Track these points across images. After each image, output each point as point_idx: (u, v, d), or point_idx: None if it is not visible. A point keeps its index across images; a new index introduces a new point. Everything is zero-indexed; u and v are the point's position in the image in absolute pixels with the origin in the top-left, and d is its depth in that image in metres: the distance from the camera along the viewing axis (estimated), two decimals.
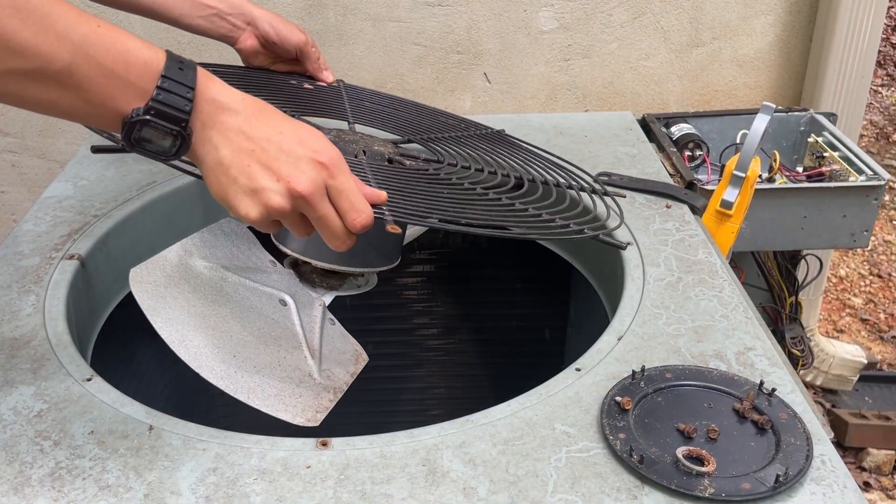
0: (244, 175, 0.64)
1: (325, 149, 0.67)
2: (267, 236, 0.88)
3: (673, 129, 1.51)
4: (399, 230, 0.76)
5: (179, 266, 0.82)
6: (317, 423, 0.76)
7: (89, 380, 0.77)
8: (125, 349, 1.10)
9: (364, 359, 0.88)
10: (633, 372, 0.76)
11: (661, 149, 1.39)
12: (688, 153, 1.48)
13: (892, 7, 4.01)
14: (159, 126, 0.61)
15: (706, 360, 0.79)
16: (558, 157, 1.17)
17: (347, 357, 0.87)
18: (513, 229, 0.87)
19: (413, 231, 1.06)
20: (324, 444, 0.70)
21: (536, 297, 1.41)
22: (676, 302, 0.88)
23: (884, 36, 3.78)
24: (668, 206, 1.08)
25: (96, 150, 1.07)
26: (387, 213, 0.73)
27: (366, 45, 1.74)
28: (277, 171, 0.65)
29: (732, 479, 0.65)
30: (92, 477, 0.66)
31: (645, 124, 1.49)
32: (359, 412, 1.48)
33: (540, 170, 1.09)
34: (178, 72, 0.62)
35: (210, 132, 0.64)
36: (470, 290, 1.44)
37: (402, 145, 1.10)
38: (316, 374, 0.81)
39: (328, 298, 0.88)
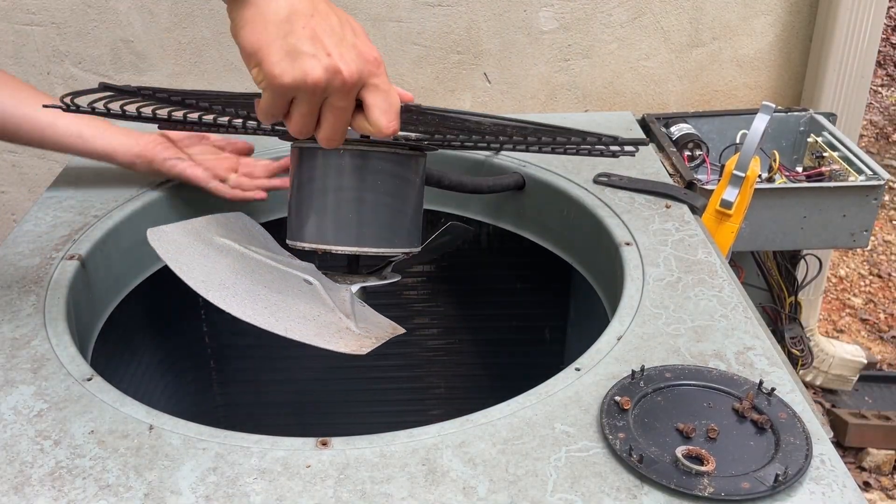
0: (295, 35, 0.60)
1: (373, 48, 0.64)
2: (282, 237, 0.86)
3: (673, 129, 1.51)
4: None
5: (197, 236, 0.78)
6: (362, 353, 0.74)
7: (89, 380, 0.77)
8: (125, 349, 1.10)
9: (400, 329, 0.84)
10: (633, 372, 0.76)
11: (660, 149, 1.39)
12: (687, 153, 1.49)
13: (892, 7, 4.01)
14: None
15: (706, 360, 0.79)
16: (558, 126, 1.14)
17: (383, 325, 0.84)
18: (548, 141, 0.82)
19: (436, 239, 1.04)
20: (324, 444, 0.70)
21: (536, 297, 1.41)
22: (676, 302, 0.88)
23: (884, 36, 3.78)
24: (667, 206, 1.08)
25: (46, 107, 1.05)
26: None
27: None
28: (329, 45, 0.61)
29: (732, 478, 0.65)
30: (92, 476, 0.66)
31: (645, 124, 1.49)
32: (359, 412, 1.49)
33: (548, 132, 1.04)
34: None
35: None
36: (470, 290, 1.44)
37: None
38: (354, 327, 0.77)
39: (354, 288, 0.86)
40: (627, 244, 0.99)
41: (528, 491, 0.65)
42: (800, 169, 1.55)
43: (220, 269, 0.76)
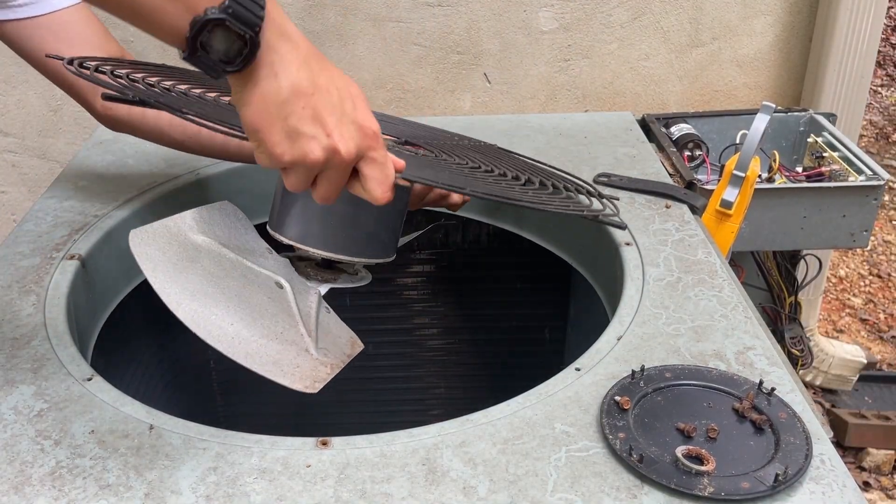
0: (296, 116, 0.61)
1: (372, 119, 0.66)
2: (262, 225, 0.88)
3: (673, 129, 1.51)
4: (408, 184, 0.74)
5: (179, 236, 0.81)
6: (314, 391, 0.76)
7: (89, 379, 0.77)
8: (125, 349, 1.10)
9: (359, 346, 0.88)
10: (633, 371, 0.76)
11: (660, 149, 1.39)
12: (687, 153, 1.49)
13: (892, 7, 4.01)
14: (234, 28, 0.57)
15: (706, 360, 0.79)
16: (551, 166, 1.17)
17: (343, 342, 0.87)
18: (521, 200, 0.85)
19: (410, 234, 1.06)
20: (324, 444, 0.70)
21: (536, 297, 1.41)
22: (676, 302, 0.88)
23: (884, 36, 3.78)
24: (667, 206, 1.08)
25: (107, 97, 1.06)
26: (400, 177, 0.72)
27: (366, 45, 1.75)
28: (328, 124, 0.62)
29: (732, 478, 0.65)
30: (92, 476, 0.66)
31: (645, 124, 1.49)
32: (359, 412, 1.49)
33: (536, 174, 1.09)
34: None
35: (272, 56, 0.60)
36: (470, 290, 1.44)
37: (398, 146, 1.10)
38: (313, 349, 0.81)
39: (323, 289, 0.88)
40: (627, 244, 0.99)
41: (528, 491, 0.65)
42: (800, 169, 1.55)
43: (194, 277, 0.78)
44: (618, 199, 1.09)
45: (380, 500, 0.64)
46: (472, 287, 1.44)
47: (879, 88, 3.80)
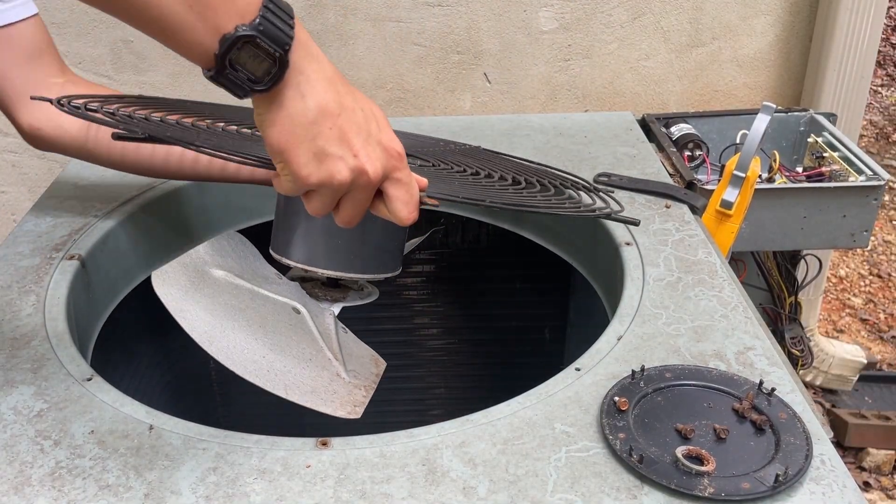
0: (323, 137, 0.61)
1: (397, 140, 0.65)
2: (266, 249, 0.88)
3: (673, 129, 1.51)
4: (437, 203, 0.74)
5: (196, 272, 0.82)
6: (358, 416, 0.78)
7: (89, 380, 0.77)
8: (125, 349, 1.10)
9: (382, 363, 0.89)
10: (633, 372, 0.76)
11: (660, 149, 1.39)
12: (688, 153, 1.48)
13: (892, 7, 4.01)
14: (264, 45, 0.57)
15: (706, 360, 0.79)
16: (538, 163, 1.16)
17: (367, 361, 0.88)
18: (539, 207, 0.86)
19: (412, 240, 1.06)
20: (324, 444, 0.70)
21: (536, 297, 1.41)
22: (676, 302, 0.88)
23: (884, 36, 3.78)
24: (667, 206, 1.08)
25: (117, 137, 1.07)
26: (426, 195, 0.72)
27: (366, 45, 1.75)
28: (355, 145, 0.62)
29: (732, 478, 0.65)
30: (92, 476, 0.66)
31: (645, 124, 1.49)
32: None
33: (531, 175, 1.08)
34: None
35: (299, 77, 0.60)
36: (470, 290, 1.44)
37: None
38: (343, 373, 0.81)
39: (336, 309, 0.88)
40: (627, 244, 0.99)
41: (528, 491, 0.65)
42: (800, 169, 1.55)
43: (218, 312, 0.80)
44: (612, 191, 1.09)
45: (380, 500, 0.64)
46: (472, 287, 1.44)
47: (879, 88, 3.80)
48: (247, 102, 0.62)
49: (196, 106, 0.97)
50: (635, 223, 0.95)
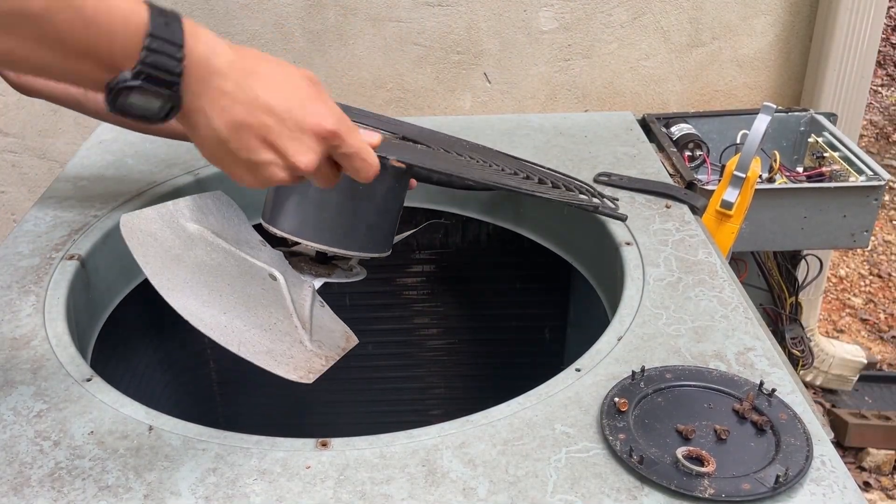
0: (243, 149, 0.60)
1: (329, 113, 0.63)
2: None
3: (673, 129, 1.51)
4: (403, 165, 0.74)
5: (172, 223, 0.79)
6: (309, 381, 0.75)
7: (89, 380, 0.77)
8: (125, 349, 1.10)
9: (354, 340, 0.86)
10: (633, 372, 0.76)
11: (661, 149, 1.39)
12: (688, 153, 1.48)
13: (892, 7, 4.01)
14: (150, 90, 0.55)
15: (706, 361, 0.79)
16: (551, 169, 1.16)
17: (337, 335, 0.86)
18: (520, 187, 0.86)
19: (407, 231, 1.05)
20: (323, 445, 0.70)
21: (536, 297, 1.40)
22: (676, 302, 0.88)
23: (884, 36, 3.77)
24: (668, 207, 1.08)
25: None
26: (392, 158, 0.72)
27: (366, 45, 1.75)
28: (279, 146, 0.61)
29: (732, 479, 0.65)
30: (92, 477, 0.66)
31: (645, 124, 1.49)
32: (359, 412, 1.49)
33: (535, 173, 1.08)
34: (164, 27, 0.55)
35: (201, 100, 0.58)
36: (470, 290, 1.44)
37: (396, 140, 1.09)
38: (307, 342, 0.79)
39: (317, 283, 0.87)
40: (628, 244, 0.98)
41: (529, 492, 0.64)
42: (800, 169, 1.55)
43: (187, 266, 0.77)
44: (618, 200, 1.09)
45: (379, 501, 0.64)
46: (472, 287, 1.44)
47: (879, 88, 3.79)
48: None
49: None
50: (622, 218, 0.95)
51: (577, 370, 0.78)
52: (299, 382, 0.75)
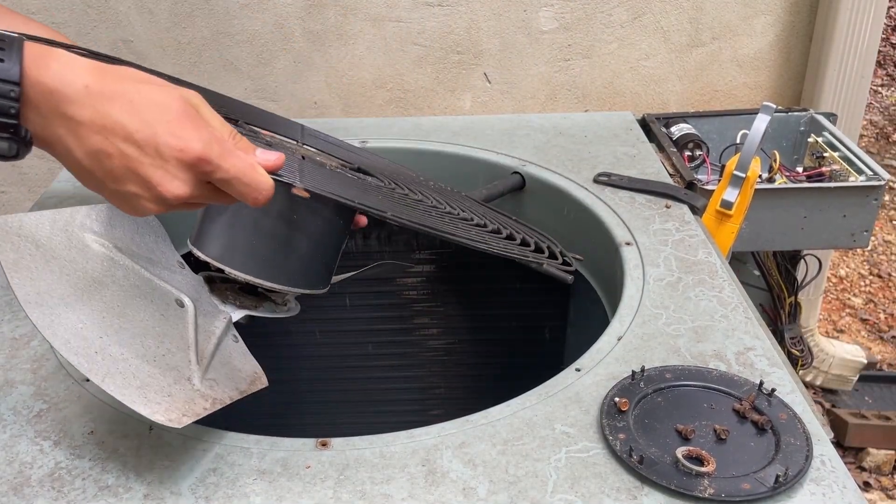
0: (110, 179, 0.56)
1: (196, 137, 0.57)
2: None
3: (673, 129, 1.51)
4: (307, 195, 0.66)
5: (64, 230, 0.72)
6: (179, 426, 0.64)
7: (89, 380, 0.77)
8: None
9: (263, 383, 0.77)
10: (633, 372, 0.76)
11: (661, 149, 1.39)
12: (688, 153, 1.48)
13: (892, 7, 4.01)
14: None
15: (706, 361, 0.79)
16: (522, 222, 1.08)
17: (242, 375, 0.76)
18: (447, 232, 0.77)
19: (351, 273, 0.95)
20: (323, 445, 0.70)
21: (536, 297, 1.40)
22: (676, 302, 0.88)
23: (884, 36, 3.78)
24: (667, 206, 1.08)
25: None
26: (299, 184, 0.64)
27: (366, 45, 1.75)
28: (145, 176, 0.56)
29: (732, 479, 0.65)
30: (92, 477, 0.66)
31: (645, 124, 1.49)
32: (359, 412, 1.49)
33: (495, 221, 0.97)
34: None
35: (56, 130, 0.55)
36: (470, 290, 1.44)
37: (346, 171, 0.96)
38: (196, 380, 0.70)
39: (238, 315, 0.78)
40: (628, 244, 0.99)
41: (528, 492, 0.64)
42: (800, 169, 1.55)
43: (70, 279, 0.69)
44: (580, 258, 1.04)
45: (379, 501, 0.64)
46: (473, 287, 1.43)
47: (880, 88, 3.79)
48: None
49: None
50: (566, 280, 0.88)
51: (577, 370, 0.78)
52: (169, 426, 0.64)
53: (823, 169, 1.47)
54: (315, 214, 0.74)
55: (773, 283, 1.67)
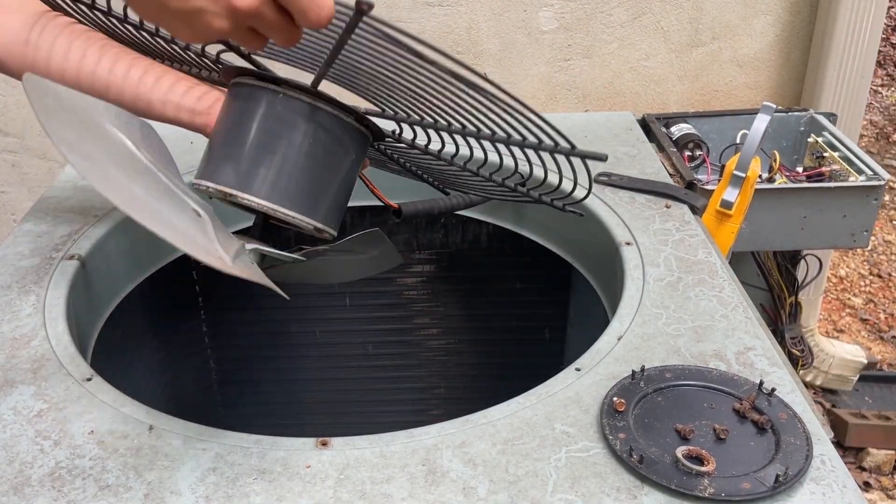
0: None
1: None
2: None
3: (673, 129, 1.51)
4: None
5: (88, 111, 0.68)
6: (223, 269, 0.60)
7: (89, 380, 0.77)
8: (125, 349, 1.10)
9: (279, 291, 0.71)
10: (633, 372, 0.76)
11: (661, 149, 1.39)
12: (688, 153, 1.49)
13: (892, 7, 4.01)
14: None
15: (706, 360, 0.79)
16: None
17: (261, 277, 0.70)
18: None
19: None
20: (324, 444, 0.70)
21: (536, 297, 1.41)
22: (676, 302, 0.88)
23: (884, 36, 3.77)
24: (667, 206, 1.08)
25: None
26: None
27: None
28: None
29: (732, 478, 0.65)
30: (92, 477, 0.66)
31: (645, 124, 1.49)
32: (359, 412, 1.49)
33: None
34: None
35: None
36: (470, 290, 1.44)
37: None
38: (227, 259, 0.65)
39: (249, 245, 0.74)
40: (628, 244, 0.99)
41: (529, 491, 0.64)
42: (800, 169, 1.55)
43: (100, 149, 0.64)
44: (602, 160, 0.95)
45: (380, 500, 0.64)
46: (472, 287, 1.44)
47: (880, 88, 3.80)
48: None
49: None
50: (601, 158, 0.72)
51: (577, 370, 0.78)
52: (211, 265, 0.59)
53: (823, 169, 1.47)
54: (324, 136, 0.70)
55: (774, 283, 1.67)
